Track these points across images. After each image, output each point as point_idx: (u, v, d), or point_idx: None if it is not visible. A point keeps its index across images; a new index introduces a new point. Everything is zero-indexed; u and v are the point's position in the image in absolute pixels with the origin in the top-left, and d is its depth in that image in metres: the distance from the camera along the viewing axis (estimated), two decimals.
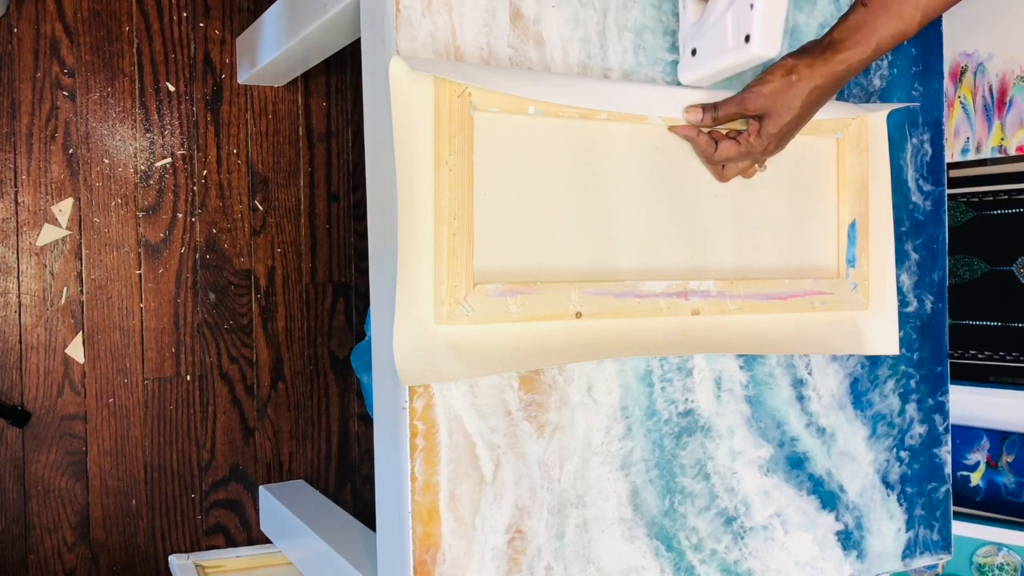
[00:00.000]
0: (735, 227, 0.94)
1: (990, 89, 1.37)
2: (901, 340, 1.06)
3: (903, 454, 1.07)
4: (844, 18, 0.83)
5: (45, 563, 1.35)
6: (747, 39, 0.78)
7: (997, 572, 1.35)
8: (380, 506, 0.85)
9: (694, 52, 0.85)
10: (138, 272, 1.39)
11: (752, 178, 0.93)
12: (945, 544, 1.11)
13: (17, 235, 1.33)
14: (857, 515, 1.03)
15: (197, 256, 1.43)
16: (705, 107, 0.86)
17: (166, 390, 1.41)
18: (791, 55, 0.83)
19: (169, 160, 1.41)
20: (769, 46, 0.78)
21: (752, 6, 0.78)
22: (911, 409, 1.08)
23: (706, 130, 0.88)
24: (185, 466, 1.42)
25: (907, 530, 1.07)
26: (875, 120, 1.01)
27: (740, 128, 0.87)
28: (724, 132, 0.88)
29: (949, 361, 1.12)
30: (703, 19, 0.84)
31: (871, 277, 1.01)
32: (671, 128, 0.88)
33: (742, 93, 0.83)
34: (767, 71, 0.83)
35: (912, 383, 1.08)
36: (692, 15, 0.86)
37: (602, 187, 0.86)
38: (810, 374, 1.00)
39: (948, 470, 1.11)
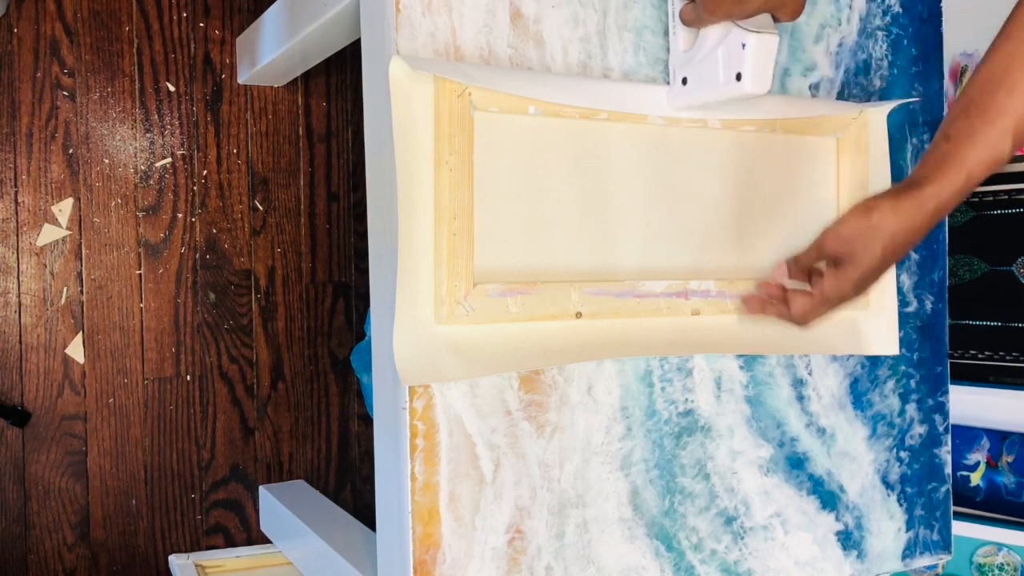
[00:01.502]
0: (735, 227, 0.94)
1: None
2: (901, 340, 1.06)
3: (903, 454, 1.07)
4: (926, 155, 0.76)
5: (45, 563, 1.35)
6: (739, 77, 0.78)
7: (997, 572, 1.35)
8: (380, 506, 0.85)
9: (684, 81, 0.85)
10: (138, 272, 1.39)
11: (752, 178, 0.93)
12: (945, 544, 1.11)
13: (17, 235, 1.33)
14: (857, 515, 1.03)
15: (197, 256, 1.43)
16: (787, 262, 0.82)
17: (166, 390, 1.41)
18: (874, 196, 0.76)
19: (169, 160, 1.41)
20: (761, 85, 0.78)
21: (744, 45, 0.77)
22: (911, 409, 1.08)
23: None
24: (185, 466, 1.42)
25: (907, 530, 1.07)
26: (875, 119, 1.01)
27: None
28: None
29: (949, 361, 1.12)
30: (694, 49, 0.83)
31: None
32: (746, 311, 0.86)
33: (820, 236, 0.78)
34: (847, 211, 0.76)
35: (912, 383, 1.08)
36: (683, 44, 0.85)
37: (602, 187, 0.86)
38: (810, 374, 1.00)
39: (948, 470, 1.11)
